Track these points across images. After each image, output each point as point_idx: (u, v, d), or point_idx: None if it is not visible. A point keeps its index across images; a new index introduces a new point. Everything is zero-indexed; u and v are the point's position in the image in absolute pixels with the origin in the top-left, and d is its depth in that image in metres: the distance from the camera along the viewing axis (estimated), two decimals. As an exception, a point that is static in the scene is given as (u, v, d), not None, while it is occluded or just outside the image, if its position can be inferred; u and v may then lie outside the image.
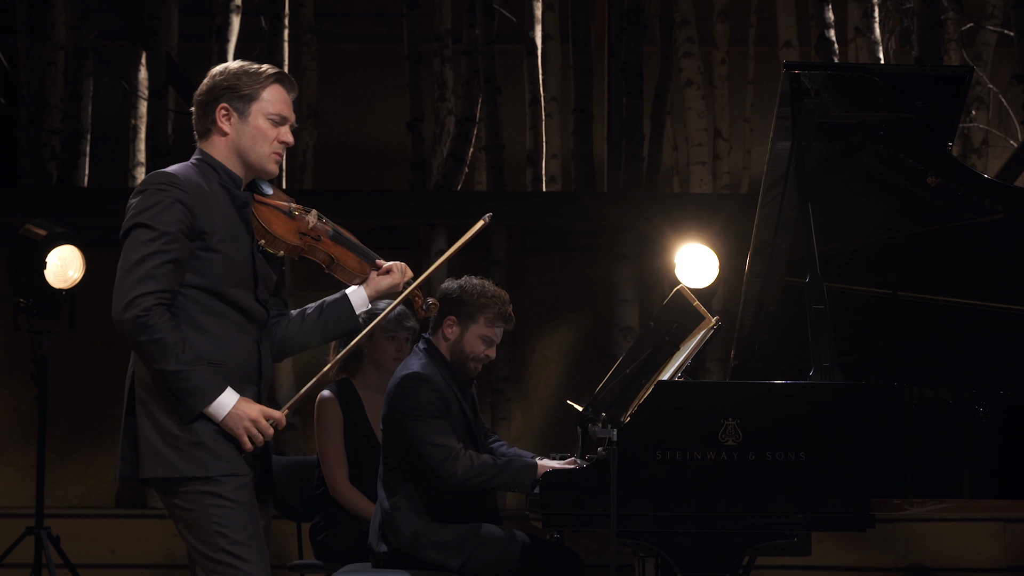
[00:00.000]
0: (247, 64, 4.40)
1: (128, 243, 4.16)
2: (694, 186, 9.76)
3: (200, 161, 4.32)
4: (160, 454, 4.15)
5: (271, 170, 4.37)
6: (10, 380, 9.21)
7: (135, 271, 4.12)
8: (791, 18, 9.95)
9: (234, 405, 4.16)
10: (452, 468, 5.35)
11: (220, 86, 4.35)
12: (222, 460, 4.17)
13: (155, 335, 4.09)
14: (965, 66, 8.54)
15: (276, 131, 4.35)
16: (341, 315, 4.52)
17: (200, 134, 4.38)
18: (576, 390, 9.25)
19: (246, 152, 4.33)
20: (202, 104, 4.37)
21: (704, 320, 5.25)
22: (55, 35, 9.89)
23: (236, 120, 4.33)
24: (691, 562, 4.91)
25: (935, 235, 5.61)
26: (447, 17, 9.97)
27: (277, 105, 4.36)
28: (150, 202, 4.16)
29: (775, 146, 5.39)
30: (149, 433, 4.16)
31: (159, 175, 4.21)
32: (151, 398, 4.17)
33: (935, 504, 5.14)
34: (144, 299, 4.10)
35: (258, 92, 4.34)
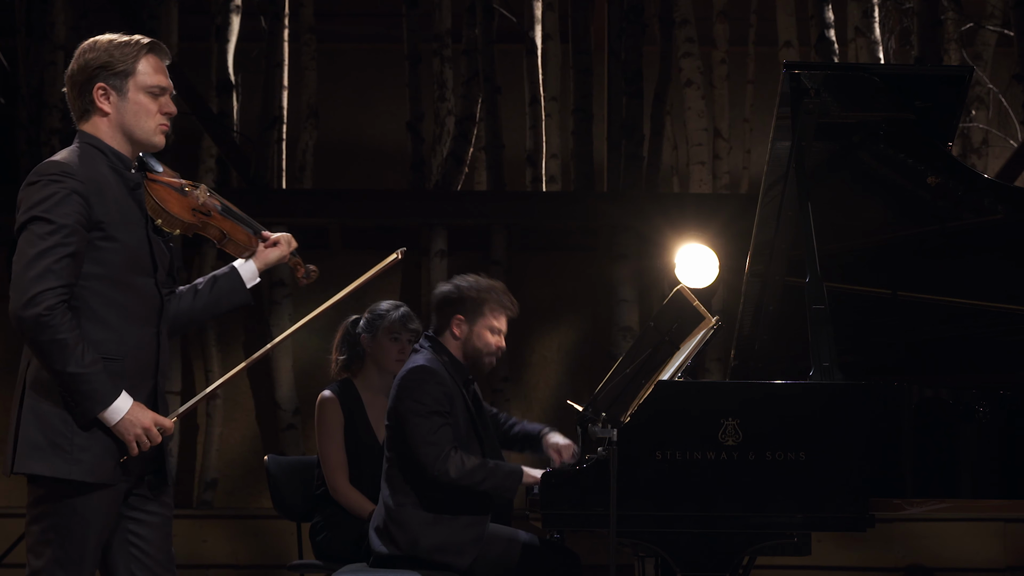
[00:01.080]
0: (116, 37, 4.27)
1: (25, 237, 4.10)
2: (694, 186, 9.76)
3: (86, 144, 4.23)
4: (41, 450, 4.09)
5: (158, 142, 4.28)
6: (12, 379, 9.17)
7: (34, 266, 4.06)
8: (791, 18, 9.96)
9: (128, 411, 4.09)
10: (444, 467, 5.39)
11: (93, 64, 4.22)
12: (102, 466, 4.10)
13: (57, 335, 4.03)
14: (965, 66, 8.55)
15: (157, 103, 4.25)
16: (232, 289, 4.45)
17: (78, 116, 4.28)
18: (576, 390, 9.25)
19: (131, 129, 4.24)
20: (77, 84, 4.25)
21: (704, 320, 5.25)
22: (55, 35, 9.89)
23: (115, 98, 4.22)
24: (691, 562, 4.91)
25: (935, 235, 5.61)
26: (447, 17, 9.97)
27: (154, 76, 4.25)
28: (44, 194, 4.10)
29: (775, 146, 5.39)
30: (32, 430, 4.11)
31: (51, 165, 4.13)
32: (41, 396, 4.13)
33: (935, 504, 5.14)
34: (45, 296, 4.03)
35: (133, 66, 4.22)
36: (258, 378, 9.40)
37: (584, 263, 9.63)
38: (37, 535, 4.16)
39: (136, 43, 4.25)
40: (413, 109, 9.78)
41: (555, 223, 9.52)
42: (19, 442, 4.12)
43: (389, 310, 6.30)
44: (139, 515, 4.26)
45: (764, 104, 9.87)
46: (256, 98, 9.93)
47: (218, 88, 9.87)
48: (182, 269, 4.41)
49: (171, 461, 4.37)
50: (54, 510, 4.12)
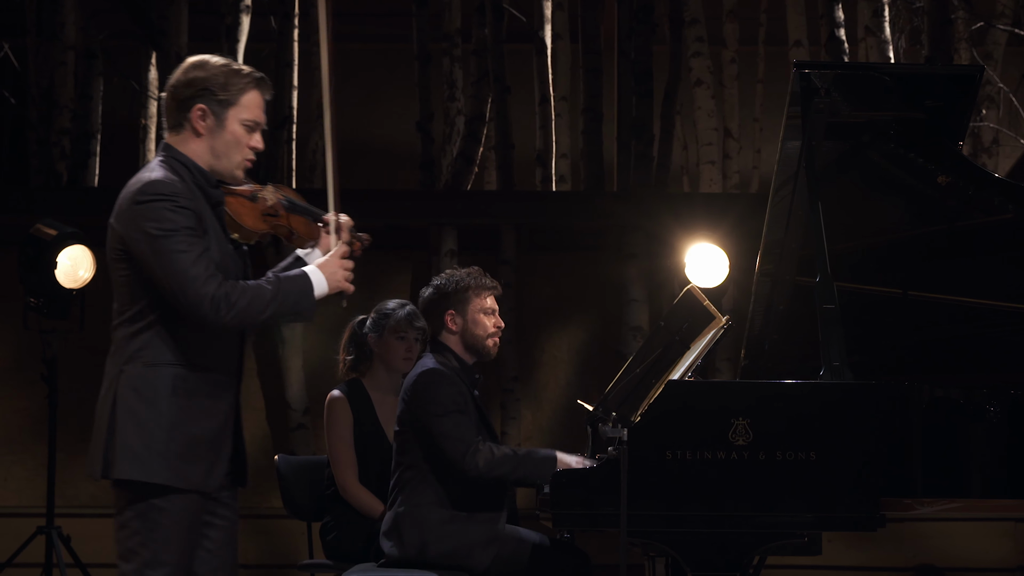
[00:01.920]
0: (229, 63, 4.33)
1: (163, 256, 4.11)
2: (704, 185, 9.75)
3: (172, 159, 4.26)
4: (139, 456, 4.14)
5: (239, 176, 4.33)
6: (20, 380, 9.22)
7: (190, 276, 4.10)
8: (801, 17, 9.95)
9: (321, 274, 4.28)
10: (473, 461, 5.37)
11: (199, 83, 4.26)
12: (198, 473, 4.18)
13: (242, 303, 4.13)
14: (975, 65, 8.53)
15: (249, 137, 4.31)
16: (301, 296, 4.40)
17: (171, 127, 4.31)
18: (586, 390, 9.24)
19: (219, 156, 4.28)
20: (177, 98, 4.28)
21: (714, 319, 5.25)
22: (65, 35, 9.90)
23: (212, 123, 4.27)
24: (701, 562, 4.91)
25: (945, 234, 5.60)
26: (457, 17, 9.97)
27: (254, 111, 4.31)
28: (161, 211, 4.14)
29: (785, 145, 5.38)
30: (130, 436, 4.16)
31: (160, 185, 4.16)
32: (138, 401, 4.17)
33: (945, 504, 5.13)
34: (217, 294, 4.10)
35: (237, 97, 4.28)
36: (268, 378, 9.41)
37: (594, 263, 9.62)
38: (128, 540, 4.20)
39: (247, 75, 4.32)
40: (423, 109, 9.78)
41: (565, 223, 9.52)
42: (117, 447, 4.18)
43: (395, 309, 6.31)
44: (210, 518, 4.31)
45: (774, 104, 9.84)
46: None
47: (228, 88, 9.86)
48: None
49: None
50: (145, 514, 4.17)
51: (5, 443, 9.31)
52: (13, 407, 9.34)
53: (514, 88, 9.79)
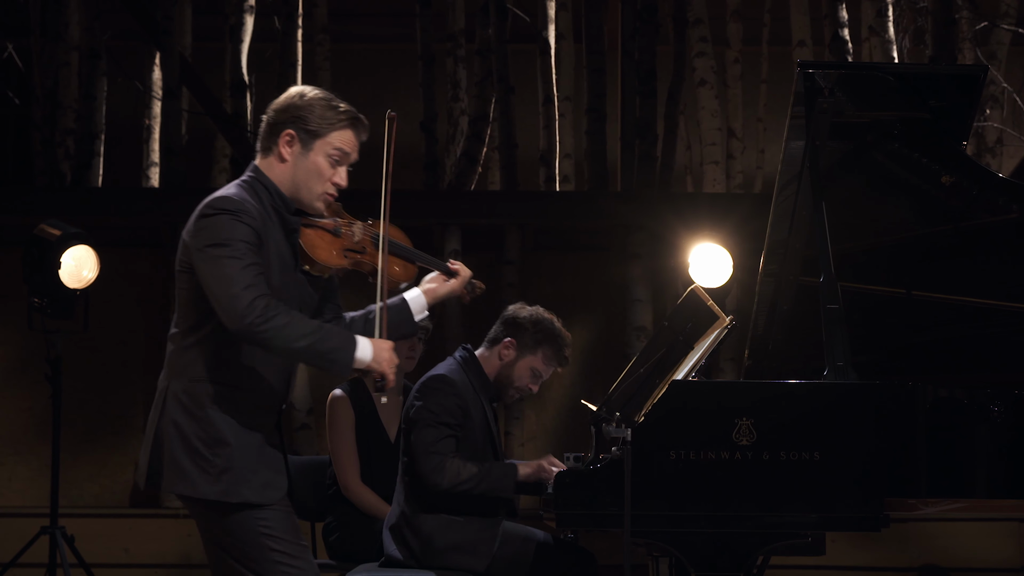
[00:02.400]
0: (329, 98, 4.38)
1: (217, 262, 4.14)
2: (707, 185, 9.75)
3: (254, 180, 4.31)
4: (185, 472, 4.19)
5: (319, 208, 4.36)
6: (24, 380, 9.23)
7: (237, 283, 4.11)
8: (804, 17, 9.95)
9: (371, 346, 4.25)
10: (439, 478, 5.41)
11: (293, 111, 4.33)
12: (248, 486, 4.21)
13: (280, 322, 4.11)
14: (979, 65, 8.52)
15: (333, 171, 4.34)
16: (401, 320, 4.54)
17: (261, 149, 4.38)
18: (590, 390, 9.24)
19: (299, 186, 4.32)
20: (272, 121, 4.36)
21: (718, 319, 5.25)
22: (69, 35, 9.91)
23: (298, 150, 4.32)
24: (705, 562, 4.90)
25: (949, 234, 5.60)
26: (460, 17, 9.97)
27: (341, 144, 4.35)
28: (223, 225, 4.17)
29: (789, 145, 5.38)
30: (176, 450, 4.20)
31: (226, 201, 4.21)
32: (185, 415, 4.21)
33: (949, 504, 5.13)
34: (257, 301, 4.10)
35: (327, 130, 4.33)
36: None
37: (598, 263, 9.62)
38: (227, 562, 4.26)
39: (343, 112, 4.36)
40: (427, 109, 9.78)
41: (569, 223, 9.51)
42: (165, 460, 4.21)
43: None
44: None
45: (778, 103, 9.86)
46: (270, 98, 9.83)
47: (232, 88, 9.88)
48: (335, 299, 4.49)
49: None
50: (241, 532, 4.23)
51: (9, 443, 9.32)
52: (17, 407, 9.35)
53: (518, 88, 9.79)
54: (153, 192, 9.81)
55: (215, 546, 4.28)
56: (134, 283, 9.52)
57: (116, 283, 9.23)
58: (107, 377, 9.41)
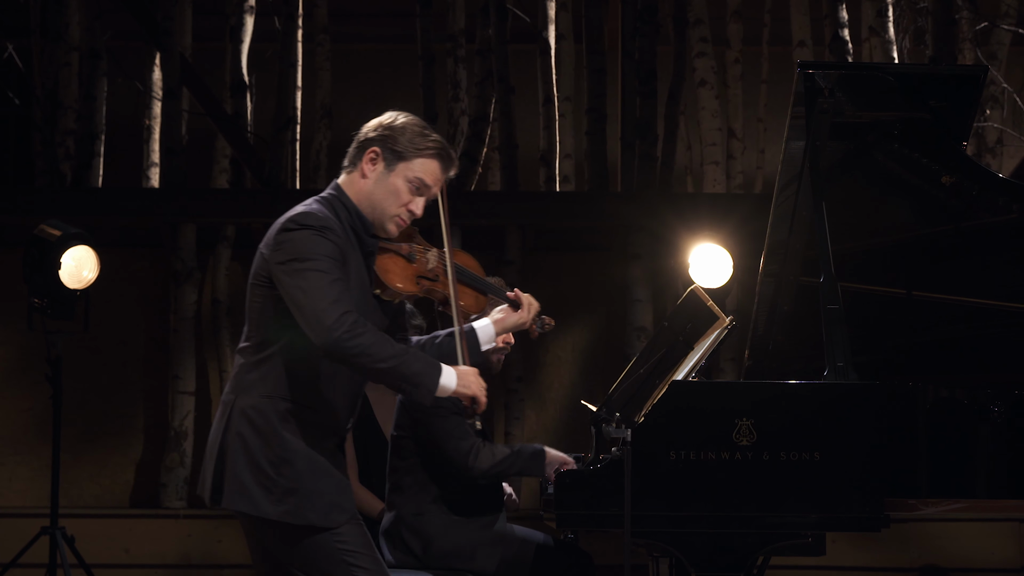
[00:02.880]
0: (424, 126, 4.38)
1: (303, 276, 4.12)
2: (708, 186, 9.75)
3: (335, 198, 4.30)
4: (249, 490, 4.16)
5: (390, 230, 4.34)
6: (25, 380, 9.23)
7: (325, 297, 4.09)
8: (805, 17, 9.94)
9: (456, 373, 4.23)
10: (476, 461, 5.39)
11: (384, 130, 4.33)
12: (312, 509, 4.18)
13: (370, 339, 4.08)
14: (979, 65, 8.53)
15: (410, 198, 4.33)
16: (468, 349, 4.47)
17: (347, 166, 4.37)
18: (590, 390, 9.24)
19: (375, 204, 4.30)
20: (361, 140, 4.36)
21: (718, 320, 5.25)
22: (69, 36, 9.91)
23: (380, 169, 4.31)
24: (705, 562, 4.91)
25: (949, 234, 5.60)
26: (460, 17, 9.97)
27: (424, 174, 4.33)
28: (308, 241, 4.15)
29: (789, 146, 5.38)
30: (240, 466, 4.18)
31: (310, 217, 4.19)
32: (252, 432, 4.19)
33: (950, 504, 5.13)
34: (346, 316, 4.07)
35: (413, 156, 4.31)
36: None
37: (598, 263, 9.62)
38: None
39: (433, 142, 4.34)
40: (427, 109, 9.78)
41: (569, 223, 9.52)
42: (227, 477, 4.19)
43: None
44: None
45: (778, 104, 9.85)
46: (270, 99, 9.94)
47: (232, 89, 9.88)
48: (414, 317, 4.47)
49: None
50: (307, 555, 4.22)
51: (9, 443, 9.32)
52: (17, 407, 9.35)
53: (518, 88, 9.79)
54: (153, 192, 9.81)
55: (274, 565, 4.25)
56: (134, 283, 9.52)
57: (116, 283, 9.23)
58: (107, 377, 9.41)
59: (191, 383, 9.29)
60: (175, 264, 9.37)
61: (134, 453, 9.38)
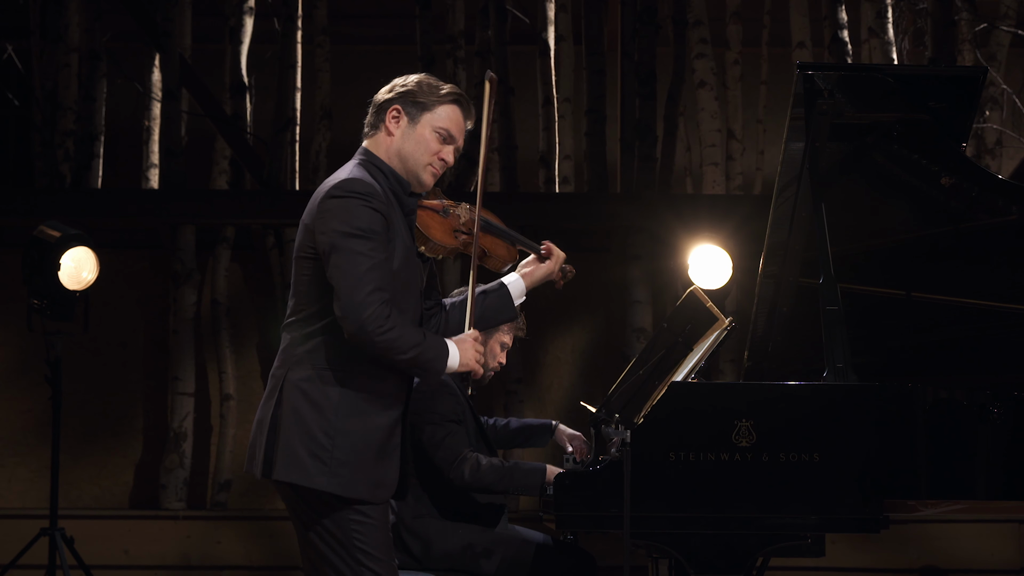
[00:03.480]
0: (434, 79, 4.43)
1: (345, 255, 4.13)
2: (707, 187, 9.75)
3: (367, 163, 4.32)
4: (301, 462, 4.15)
5: (425, 180, 4.35)
6: (24, 381, 9.23)
7: (364, 281, 4.11)
8: (804, 19, 9.94)
9: (458, 350, 4.29)
10: (460, 470, 5.39)
11: (399, 89, 4.37)
12: (363, 483, 4.19)
13: (394, 334, 4.12)
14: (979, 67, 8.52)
15: (440, 147, 4.36)
16: (501, 306, 4.57)
17: (369, 130, 4.39)
18: (589, 391, 9.24)
19: (405, 157, 4.32)
20: (378, 103, 4.39)
21: (717, 321, 5.25)
22: (69, 37, 9.91)
23: (404, 124, 4.34)
24: (705, 563, 4.91)
25: (948, 236, 5.60)
26: (460, 18, 9.97)
27: (449, 122, 4.37)
28: (354, 210, 4.16)
29: (788, 147, 5.38)
30: (293, 438, 4.17)
31: (356, 183, 4.20)
32: (306, 405, 4.18)
33: (949, 505, 5.14)
34: (380, 309, 4.11)
35: (434, 104, 4.35)
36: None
37: (598, 264, 9.62)
38: (319, 549, 4.25)
39: (448, 90, 4.40)
40: (426, 111, 9.77)
41: (568, 224, 9.51)
42: (279, 449, 4.18)
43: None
44: None
45: (777, 105, 9.85)
46: (270, 100, 9.95)
47: (231, 90, 9.88)
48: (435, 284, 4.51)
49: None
50: (346, 526, 4.21)
51: (9, 445, 9.32)
52: (17, 408, 9.35)
53: (517, 90, 9.79)
54: (153, 193, 9.81)
55: (315, 537, 4.23)
56: (134, 284, 9.52)
57: (116, 285, 9.23)
58: (107, 379, 9.41)
59: (190, 384, 9.29)
60: (174, 265, 9.37)
61: (133, 454, 9.38)
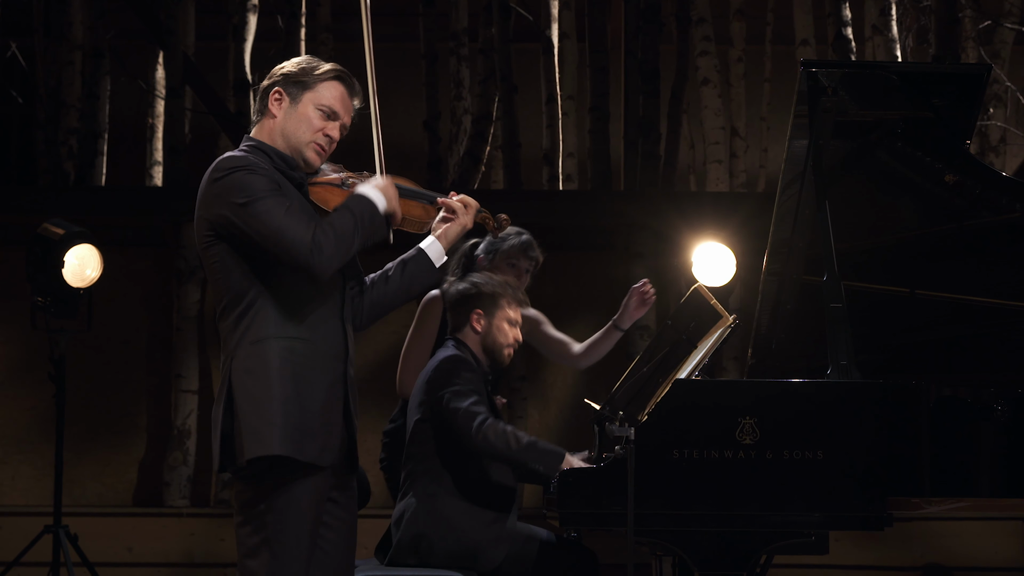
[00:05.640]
0: (314, 59, 4.41)
1: (256, 214, 4.12)
2: (711, 184, 9.75)
3: (251, 147, 4.31)
4: (259, 433, 4.11)
5: (309, 157, 4.33)
6: (28, 379, 9.23)
7: (288, 229, 4.11)
8: (808, 16, 9.95)
9: (371, 188, 4.31)
10: (482, 432, 5.29)
11: (278, 72, 4.37)
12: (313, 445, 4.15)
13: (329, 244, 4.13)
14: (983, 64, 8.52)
15: (323, 123, 4.33)
16: (421, 271, 4.49)
17: (254, 120, 4.39)
18: (593, 389, 9.23)
19: (288, 135, 4.31)
20: (261, 90, 4.39)
21: (721, 318, 5.24)
22: (72, 35, 9.91)
23: (287, 104, 4.32)
24: (708, 561, 4.91)
25: (952, 233, 5.60)
26: (463, 16, 9.98)
27: (331, 99, 4.34)
28: (240, 179, 4.16)
29: (792, 144, 5.38)
30: (250, 415, 4.14)
31: (232, 159, 4.21)
32: (251, 381, 4.15)
33: (953, 503, 5.13)
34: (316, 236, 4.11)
35: (315, 83, 4.33)
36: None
37: (601, 262, 9.62)
38: (250, 536, 4.20)
39: (329, 67, 4.38)
40: (430, 108, 9.78)
41: (572, 222, 9.51)
42: (242, 432, 4.14)
43: (511, 235, 6.20)
44: (328, 519, 4.31)
45: (781, 102, 9.85)
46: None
47: (235, 87, 9.88)
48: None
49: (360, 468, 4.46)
50: (267, 507, 4.16)
51: (13, 442, 9.32)
52: (21, 406, 9.36)
53: (521, 87, 9.79)
54: (156, 191, 9.82)
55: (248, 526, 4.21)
56: (137, 282, 9.53)
57: (119, 282, 9.23)
58: (110, 376, 9.41)
59: (194, 382, 9.29)
60: (178, 263, 9.37)
61: (137, 452, 9.39)
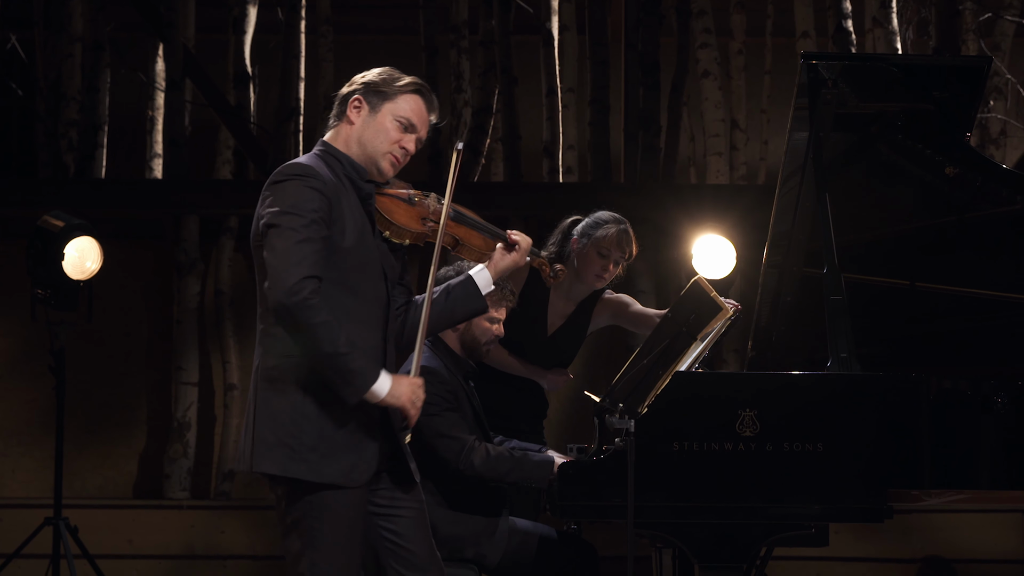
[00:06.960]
0: (396, 71, 4.44)
1: (277, 231, 4.11)
2: (711, 177, 9.74)
3: (324, 152, 4.32)
4: (272, 451, 4.14)
5: (383, 167, 4.35)
6: (28, 371, 9.23)
7: (292, 256, 4.08)
8: (808, 8, 9.93)
9: (392, 382, 4.19)
10: (469, 460, 5.33)
11: (360, 80, 4.40)
12: (333, 467, 4.15)
13: (324, 317, 4.08)
14: (983, 56, 8.51)
15: (400, 135, 4.35)
16: (467, 297, 4.48)
17: (331, 124, 4.40)
18: (593, 381, 9.23)
19: (364, 144, 4.33)
20: (341, 96, 4.40)
21: (721, 311, 5.25)
22: (72, 27, 9.91)
23: (365, 112, 4.34)
24: (708, 553, 4.91)
25: (953, 226, 5.60)
26: (463, 8, 9.97)
27: (410, 112, 4.37)
28: (291, 190, 4.15)
29: (792, 137, 5.38)
30: (265, 428, 4.16)
31: (295, 166, 4.21)
32: (272, 392, 4.17)
33: (953, 495, 5.14)
34: (307, 283, 4.07)
35: (395, 94, 4.36)
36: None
37: (601, 254, 9.60)
38: (291, 539, 4.22)
39: (410, 80, 4.42)
40: (430, 101, 9.77)
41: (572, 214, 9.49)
42: (255, 441, 4.17)
43: (609, 222, 6.20)
44: (390, 511, 4.32)
45: (781, 95, 9.85)
46: (273, 90, 9.94)
47: (235, 80, 9.88)
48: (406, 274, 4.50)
49: (411, 458, 4.42)
50: (302, 512, 4.18)
51: (13, 434, 9.33)
52: (21, 399, 9.36)
53: (521, 80, 9.79)
54: (156, 184, 9.81)
55: (291, 530, 4.22)
56: (137, 275, 9.52)
57: (119, 275, 9.23)
58: (111, 369, 9.41)
59: (194, 374, 9.29)
60: (178, 255, 9.37)
61: (137, 444, 9.39)
